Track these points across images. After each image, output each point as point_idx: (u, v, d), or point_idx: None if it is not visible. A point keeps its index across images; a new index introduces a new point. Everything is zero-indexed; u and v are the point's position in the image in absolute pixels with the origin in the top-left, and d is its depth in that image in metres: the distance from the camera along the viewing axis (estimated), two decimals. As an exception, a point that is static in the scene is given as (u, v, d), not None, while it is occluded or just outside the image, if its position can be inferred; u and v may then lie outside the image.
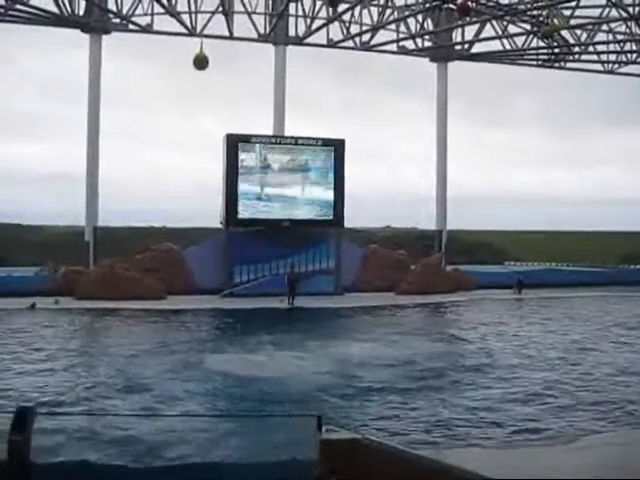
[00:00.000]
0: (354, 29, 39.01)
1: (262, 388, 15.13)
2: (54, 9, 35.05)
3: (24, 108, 62.48)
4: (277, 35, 38.46)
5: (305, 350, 19.84)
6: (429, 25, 40.13)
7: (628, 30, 39.58)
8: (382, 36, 39.72)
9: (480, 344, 21.79)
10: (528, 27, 39.15)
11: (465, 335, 23.89)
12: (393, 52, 40.83)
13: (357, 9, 37.99)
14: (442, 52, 41.45)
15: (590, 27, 39.68)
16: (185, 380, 15.91)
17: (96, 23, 36.46)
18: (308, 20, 38.68)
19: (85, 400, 14.01)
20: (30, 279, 34.03)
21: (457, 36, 41.16)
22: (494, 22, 39.00)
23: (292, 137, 36.60)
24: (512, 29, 39.68)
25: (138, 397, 14.35)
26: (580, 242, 56.30)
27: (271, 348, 20.16)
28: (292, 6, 38.02)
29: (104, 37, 36.86)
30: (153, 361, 18.33)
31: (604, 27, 40.10)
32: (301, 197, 35.74)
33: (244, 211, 34.86)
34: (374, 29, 38.85)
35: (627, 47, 41.60)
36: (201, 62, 28.31)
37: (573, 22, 37.91)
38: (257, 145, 35.13)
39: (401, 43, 40.63)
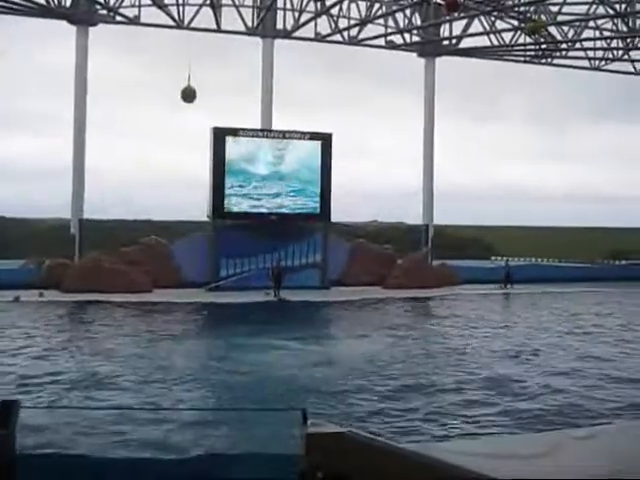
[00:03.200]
0: (342, 23, 38.98)
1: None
2: (40, 0, 34.85)
3: (9, 100, 62.10)
4: (265, 28, 38.32)
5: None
6: (417, 20, 40.15)
7: (614, 27, 39.78)
8: (370, 31, 39.68)
9: (452, 341, 21.74)
10: (515, 23, 39.23)
11: (441, 332, 24.02)
12: (381, 47, 40.77)
13: (345, 3, 37.96)
14: (430, 47, 41.45)
15: (577, 24, 39.80)
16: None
17: (83, 14, 36.26)
18: (296, 14, 38.58)
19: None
20: (15, 272, 33.86)
21: (445, 31, 41.15)
22: (482, 18, 39.08)
23: (279, 131, 36.58)
24: (500, 25, 39.78)
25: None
26: (566, 238, 56.50)
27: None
28: (280, -1, 38.02)
29: (91, 29, 36.65)
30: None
31: (591, 24, 40.25)
32: (288, 191, 35.74)
33: (230, 204, 34.85)
34: (362, 23, 38.80)
35: (613, 44, 41.80)
36: (189, 95, 28.58)
37: (560, 19, 38.02)
38: (244, 139, 35.15)
39: (389, 38, 40.60)
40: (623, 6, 35.79)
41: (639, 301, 34.01)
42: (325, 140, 36.28)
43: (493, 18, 39.41)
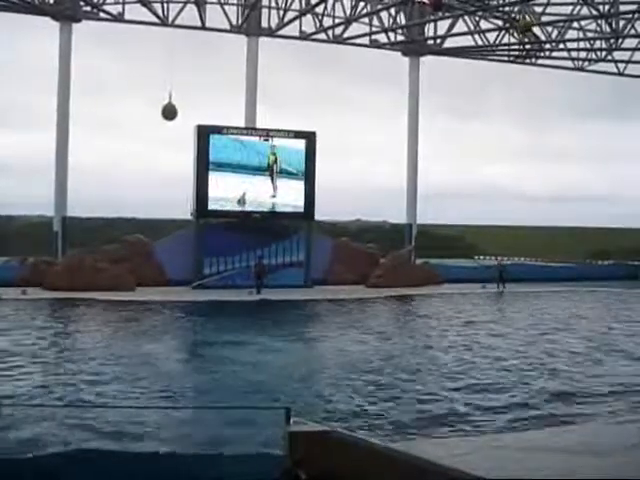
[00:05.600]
0: (327, 22, 38.99)
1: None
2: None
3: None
4: (250, 26, 38.26)
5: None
6: (402, 19, 40.20)
7: (598, 28, 39.95)
8: (355, 29, 39.71)
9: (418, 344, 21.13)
10: (500, 23, 39.36)
11: (412, 333, 23.60)
12: (365, 45, 40.82)
13: (330, 2, 37.95)
14: (414, 46, 41.48)
15: (561, 24, 39.98)
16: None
17: (67, 11, 36.05)
18: (281, 12, 38.55)
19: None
20: (-3, 269, 33.68)
21: (429, 31, 41.23)
22: (466, 17, 39.18)
23: (263, 129, 36.48)
24: (484, 25, 39.89)
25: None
26: (550, 237, 56.78)
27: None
28: (265, -3, 37.95)
29: (74, 25, 36.46)
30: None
31: (575, 24, 40.45)
32: (272, 189, 35.70)
33: (214, 203, 34.75)
34: (347, 22, 38.81)
35: (597, 45, 41.99)
36: (170, 112, 28.55)
37: (544, 19, 38.18)
38: (228, 137, 35.06)
39: (374, 37, 40.65)
40: (607, 7, 35.99)
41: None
42: (309, 138, 36.24)
43: (477, 18, 39.53)
